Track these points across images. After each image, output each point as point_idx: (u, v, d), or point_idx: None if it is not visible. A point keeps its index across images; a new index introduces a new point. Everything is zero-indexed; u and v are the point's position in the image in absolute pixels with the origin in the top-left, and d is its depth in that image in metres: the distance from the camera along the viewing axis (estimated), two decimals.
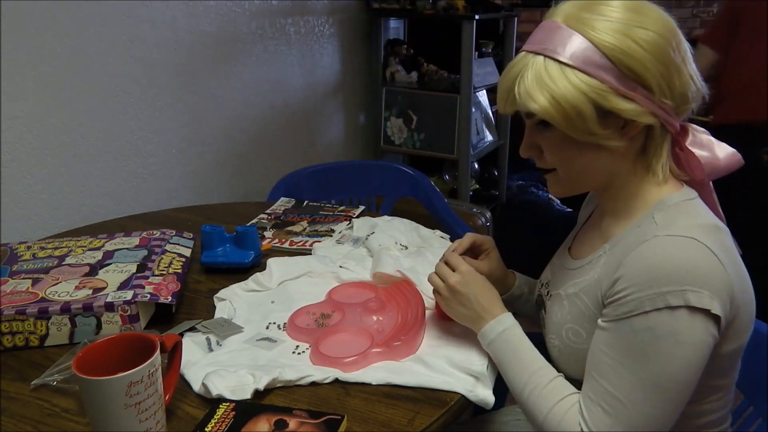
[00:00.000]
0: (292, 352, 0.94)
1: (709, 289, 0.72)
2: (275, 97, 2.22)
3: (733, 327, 0.78)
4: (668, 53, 0.76)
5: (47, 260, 1.11)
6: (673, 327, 0.72)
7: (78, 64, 1.55)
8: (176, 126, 1.86)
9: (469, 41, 2.42)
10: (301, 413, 0.78)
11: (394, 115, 2.66)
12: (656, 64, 0.76)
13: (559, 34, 0.77)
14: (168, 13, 1.76)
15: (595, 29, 0.76)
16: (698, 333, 0.73)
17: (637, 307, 0.73)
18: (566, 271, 0.92)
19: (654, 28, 0.76)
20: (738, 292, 0.76)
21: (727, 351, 0.80)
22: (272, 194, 1.80)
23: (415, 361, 0.91)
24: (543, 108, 0.77)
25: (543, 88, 0.77)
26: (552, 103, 0.76)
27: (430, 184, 1.92)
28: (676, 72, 0.77)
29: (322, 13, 2.38)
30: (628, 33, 0.75)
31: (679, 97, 0.78)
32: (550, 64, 0.77)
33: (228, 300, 1.09)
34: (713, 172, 0.84)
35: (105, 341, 0.74)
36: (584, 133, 0.78)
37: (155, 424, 0.72)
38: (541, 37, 0.79)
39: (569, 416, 0.78)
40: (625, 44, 0.75)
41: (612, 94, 0.76)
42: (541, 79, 0.77)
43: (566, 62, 0.76)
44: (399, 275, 1.10)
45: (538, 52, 0.78)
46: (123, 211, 1.67)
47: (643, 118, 0.77)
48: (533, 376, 0.83)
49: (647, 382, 0.73)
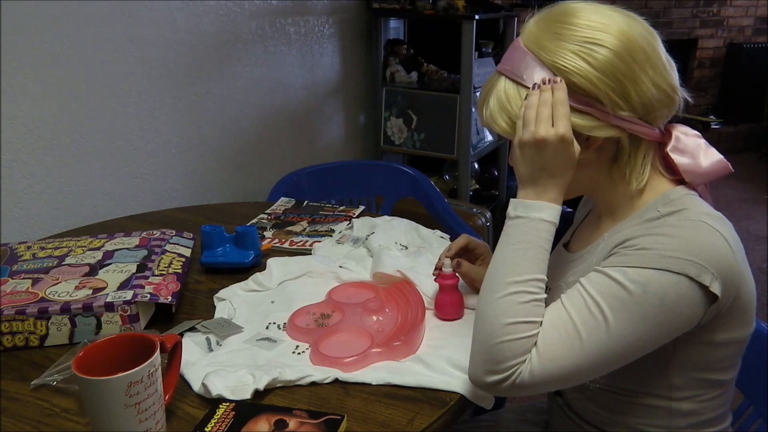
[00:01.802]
0: (292, 352, 0.94)
1: (715, 269, 0.72)
2: (275, 97, 2.22)
3: (735, 313, 0.77)
4: (622, 68, 0.76)
5: (47, 260, 1.11)
6: (665, 290, 0.72)
7: (78, 64, 1.55)
8: (176, 126, 1.86)
9: (469, 41, 2.42)
10: (301, 413, 0.78)
11: (394, 115, 2.66)
12: (606, 81, 0.76)
13: (518, 56, 0.81)
14: (168, 13, 1.76)
15: (549, 51, 0.78)
16: (685, 306, 0.73)
17: (638, 261, 0.73)
18: (565, 264, 0.92)
19: (611, 44, 0.76)
20: (743, 283, 0.76)
21: (724, 340, 0.79)
22: (272, 194, 1.80)
23: (415, 361, 0.91)
24: (503, 131, 0.82)
25: (503, 111, 0.82)
26: (510, 125, 0.82)
27: (430, 184, 1.92)
28: (632, 83, 0.77)
29: (322, 13, 2.39)
30: (580, 53, 0.77)
31: (641, 106, 0.78)
32: (509, 87, 0.81)
33: (228, 300, 1.09)
34: (694, 178, 0.84)
35: (105, 341, 0.74)
36: None
37: (155, 424, 0.73)
38: (507, 57, 0.83)
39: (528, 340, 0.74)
40: (574, 65, 0.77)
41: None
42: (502, 102, 0.82)
43: (522, 83, 0.80)
44: (399, 275, 1.10)
45: (502, 73, 0.83)
46: (123, 211, 1.67)
47: (599, 131, 0.78)
48: (515, 285, 0.77)
49: (613, 332, 0.73)
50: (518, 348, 0.74)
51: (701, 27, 4.84)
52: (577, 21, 0.78)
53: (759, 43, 4.99)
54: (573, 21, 0.78)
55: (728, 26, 4.94)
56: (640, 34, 0.78)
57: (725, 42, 4.98)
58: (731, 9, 4.89)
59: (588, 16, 0.78)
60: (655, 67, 0.78)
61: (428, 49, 2.79)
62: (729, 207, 3.76)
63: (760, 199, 3.92)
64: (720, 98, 5.10)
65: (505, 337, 0.74)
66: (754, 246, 3.23)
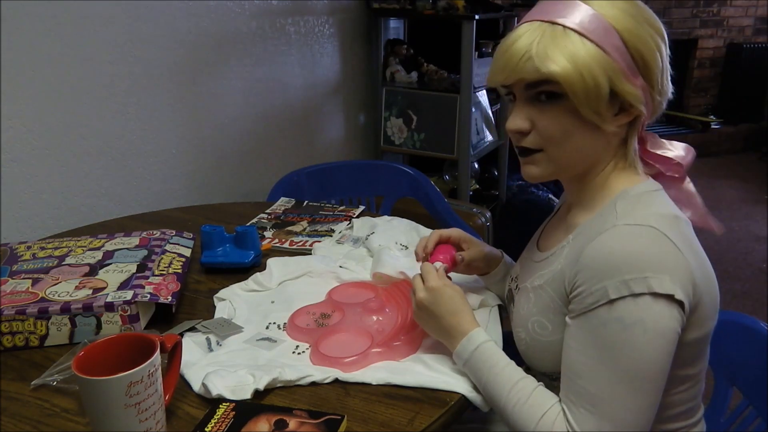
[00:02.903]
0: (292, 352, 0.94)
1: (670, 275, 0.72)
2: (275, 97, 2.22)
3: (697, 314, 0.78)
4: (664, 54, 0.79)
5: (47, 260, 1.11)
6: (639, 315, 0.72)
7: (78, 63, 1.55)
8: (176, 126, 1.86)
9: (469, 41, 2.42)
10: (301, 413, 0.78)
11: (394, 115, 2.66)
12: (658, 61, 0.78)
13: (572, 6, 0.76)
14: (168, 13, 1.76)
15: (613, 7, 0.77)
16: (664, 319, 0.73)
17: (601, 297, 0.73)
18: (533, 263, 0.92)
19: (657, 26, 0.79)
20: (699, 279, 0.76)
21: (692, 339, 0.79)
22: (272, 194, 1.80)
23: (415, 361, 0.91)
24: (564, 71, 0.74)
25: (564, 52, 0.74)
26: (574, 68, 0.74)
27: (430, 184, 1.92)
28: (666, 73, 0.81)
29: (322, 13, 2.38)
30: (641, 22, 0.77)
31: (660, 97, 0.81)
32: (569, 32, 0.75)
33: (228, 300, 1.09)
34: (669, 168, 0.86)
35: (105, 341, 0.74)
36: (593, 108, 0.76)
37: (155, 424, 0.72)
38: (551, 9, 0.77)
39: (557, 426, 0.76)
40: (639, 31, 0.77)
41: (622, 76, 0.76)
42: (562, 43, 0.74)
43: (584, 33, 0.74)
44: (399, 275, 1.10)
45: (553, 21, 0.76)
46: (123, 211, 1.67)
47: (641, 105, 0.79)
48: (513, 391, 0.80)
49: (623, 375, 0.73)
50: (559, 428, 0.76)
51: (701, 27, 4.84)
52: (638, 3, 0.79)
53: (759, 43, 4.99)
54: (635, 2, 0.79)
55: (728, 26, 4.95)
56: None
57: (725, 42, 4.98)
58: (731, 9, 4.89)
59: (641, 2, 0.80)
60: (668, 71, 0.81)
61: (428, 49, 2.78)
62: (729, 207, 3.77)
63: (760, 199, 3.92)
64: (720, 98, 5.10)
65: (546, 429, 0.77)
66: (754, 246, 3.23)
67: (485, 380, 0.83)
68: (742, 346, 1.01)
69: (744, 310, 0.79)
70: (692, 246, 0.78)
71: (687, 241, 0.77)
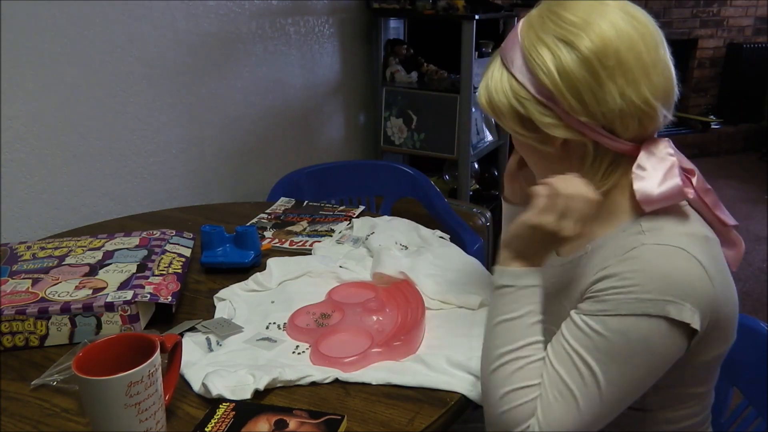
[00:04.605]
0: (292, 352, 0.94)
1: (692, 302, 0.71)
2: (275, 97, 2.22)
3: (713, 336, 0.76)
4: (583, 75, 0.74)
5: (47, 260, 1.11)
6: (647, 335, 0.71)
7: (78, 64, 1.55)
8: (176, 126, 1.86)
9: (469, 41, 2.42)
10: (301, 413, 0.78)
11: (394, 115, 2.66)
12: (565, 83, 0.75)
13: (511, 39, 0.82)
14: (168, 13, 1.76)
15: (530, 40, 0.78)
16: (670, 345, 0.73)
17: (616, 308, 0.72)
18: (549, 268, 0.90)
19: (583, 47, 0.74)
20: (722, 303, 0.75)
21: (707, 359, 0.79)
22: (272, 194, 1.80)
23: (415, 361, 0.91)
24: (481, 104, 0.85)
25: (485, 87, 0.84)
26: (487, 99, 0.84)
27: (430, 184, 1.92)
28: (592, 91, 0.74)
29: (322, 13, 2.38)
30: (551, 50, 0.76)
31: (601, 115, 0.75)
32: (497, 65, 0.83)
33: (228, 300, 1.09)
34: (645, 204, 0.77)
35: (105, 341, 0.74)
36: (512, 131, 0.83)
37: (155, 424, 0.73)
38: (507, 38, 0.84)
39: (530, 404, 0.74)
40: (541, 60, 0.76)
41: (531, 102, 0.78)
42: (489, 77, 0.84)
43: (506, 66, 0.81)
44: (399, 275, 1.10)
45: (499, 53, 0.84)
46: (123, 211, 1.67)
47: (555, 131, 0.78)
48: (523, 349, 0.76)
49: (605, 386, 0.72)
50: (519, 416, 0.74)
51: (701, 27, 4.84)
52: (565, 15, 0.76)
53: (759, 43, 4.99)
54: (562, 14, 0.76)
55: (728, 26, 4.94)
56: (624, 39, 0.74)
57: (725, 42, 4.98)
58: (731, 9, 4.89)
59: (578, 11, 0.76)
60: (628, 76, 0.74)
61: (428, 49, 2.78)
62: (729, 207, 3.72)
63: (760, 199, 3.92)
64: (720, 98, 5.09)
65: (504, 407, 0.75)
66: (754, 246, 3.23)
67: (498, 318, 0.78)
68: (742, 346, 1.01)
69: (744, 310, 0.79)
70: (721, 268, 0.76)
71: (716, 264, 0.75)
